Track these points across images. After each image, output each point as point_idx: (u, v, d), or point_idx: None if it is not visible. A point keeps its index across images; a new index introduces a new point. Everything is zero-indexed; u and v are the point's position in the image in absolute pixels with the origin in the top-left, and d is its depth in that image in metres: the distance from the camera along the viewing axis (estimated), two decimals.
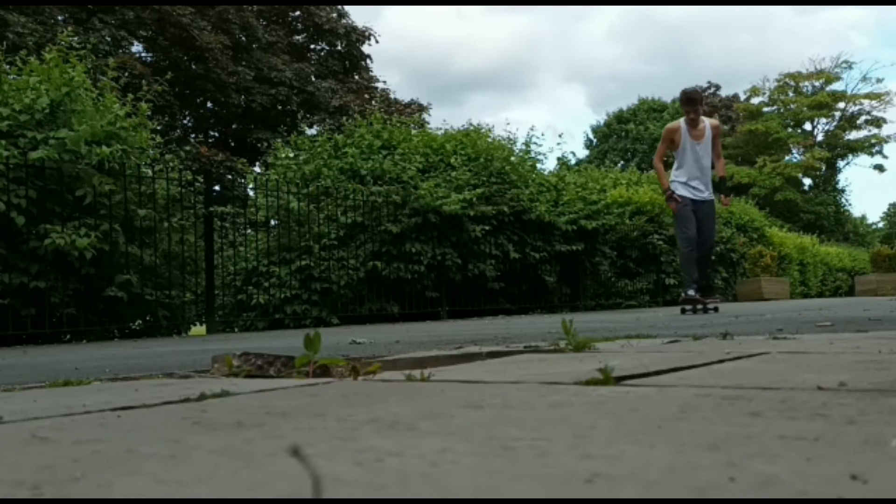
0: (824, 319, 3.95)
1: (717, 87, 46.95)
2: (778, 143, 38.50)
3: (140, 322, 7.58)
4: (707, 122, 7.02)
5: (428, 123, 13.00)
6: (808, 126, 40.64)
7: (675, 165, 7.15)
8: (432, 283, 9.32)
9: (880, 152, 39.79)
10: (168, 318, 7.59)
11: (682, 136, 7.00)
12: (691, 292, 6.81)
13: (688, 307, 6.92)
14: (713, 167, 7.29)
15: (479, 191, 9.49)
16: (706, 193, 7.06)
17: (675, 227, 7.36)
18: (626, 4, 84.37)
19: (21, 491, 0.63)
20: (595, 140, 43.48)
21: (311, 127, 17.80)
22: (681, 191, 6.98)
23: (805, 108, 39.06)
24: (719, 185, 7.20)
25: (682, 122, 7.05)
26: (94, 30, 18.44)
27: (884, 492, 0.55)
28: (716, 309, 6.99)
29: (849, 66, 39.62)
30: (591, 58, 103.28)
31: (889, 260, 19.70)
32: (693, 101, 6.93)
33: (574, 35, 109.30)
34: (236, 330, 9.23)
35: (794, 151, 39.86)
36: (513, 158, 10.71)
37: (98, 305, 6.87)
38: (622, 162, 38.02)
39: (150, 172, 7.57)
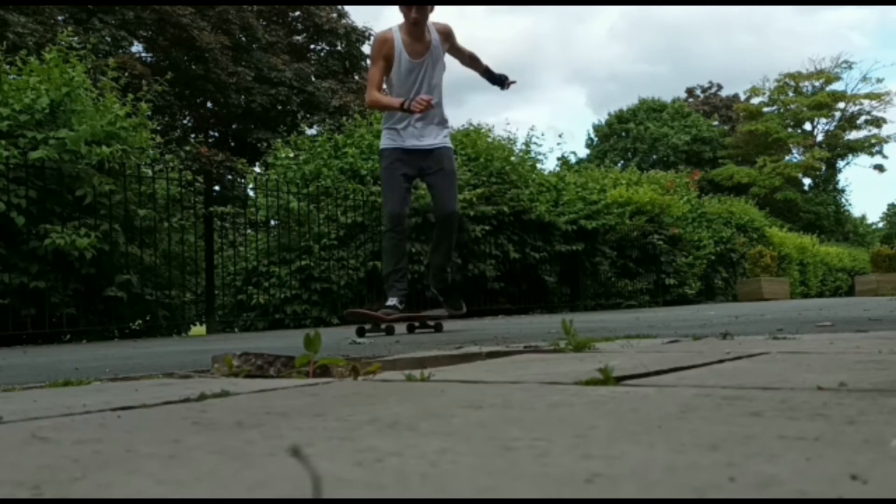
0: (824, 319, 3.94)
1: (719, 87, 47.01)
2: (778, 143, 38.54)
3: (140, 322, 7.58)
4: (434, 31, 4.63)
5: None
6: (808, 126, 40.70)
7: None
8: None
9: (880, 152, 39.88)
10: (168, 318, 7.59)
11: (395, 51, 4.57)
12: (393, 301, 4.55)
13: (367, 326, 4.56)
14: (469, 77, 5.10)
15: (479, 191, 9.49)
16: (435, 138, 4.67)
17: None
18: (627, 4, 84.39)
19: (21, 491, 0.63)
20: (596, 139, 43.55)
21: (311, 127, 17.80)
22: (386, 141, 4.73)
23: (805, 108, 39.13)
24: (489, 73, 4.95)
25: (395, 29, 4.63)
26: (94, 30, 18.42)
27: (884, 492, 0.55)
28: (437, 327, 4.74)
29: (849, 66, 39.74)
30: (592, 58, 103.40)
31: (889, 260, 19.70)
32: None
33: (575, 36, 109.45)
34: (236, 330, 9.23)
35: (794, 151, 39.93)
36: (513, 158, 10.71)
37: (98, 305, 6.87)
38: (622, 161, 38.08)
39: (150, 172, 7.57)
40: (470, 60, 4.94)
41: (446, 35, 4.71)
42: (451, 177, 4.77)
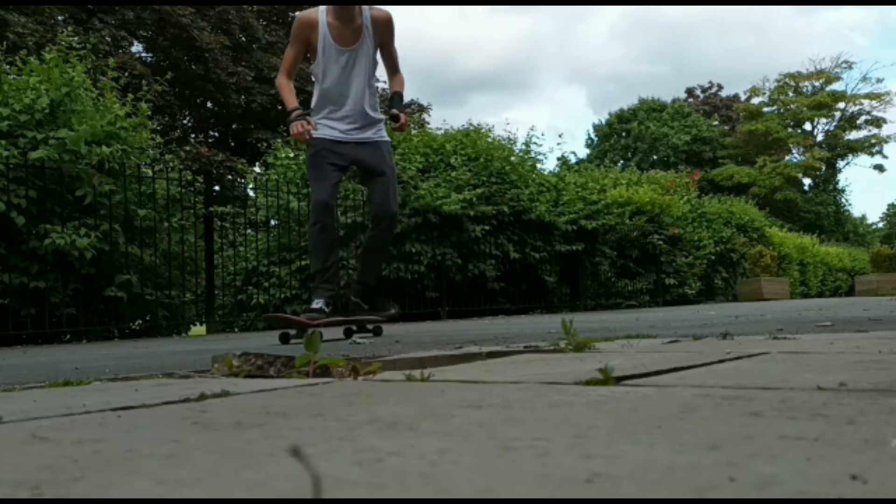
0: (824, 319, 3.94)
1: (719, 87, 47.01)
2: (778, 143, 38.55)
3: (140, 322, 7.59)
4: (368, 14, 4.19)
5: (428, 123, 12.98)
6: (808, 126, 40.70)
7: (315, 89, 4.33)
8: (432, 283, 9.32)
9: (880, 152, 39.88)
10: (168, 318, 7.59)
11: (318, 36, 4.15)
12: (319, 304, 4.20)
13: (291, 332, 4.16)
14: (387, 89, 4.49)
15: (479, 191, 9.50)
16: (369, 132, 4.28)
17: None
18: (627, 4, 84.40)
19: (21, 491, 0.63)
20: (596, 139, 43.55)
21: None
22: (319, 131, 4.21)
23: (805, 108, 39.13)
24: (393, 102, 4.41)
25: (322, 11, 4.18)
26: (94, 30, 18.43)
27: (884, 492, 0.55)
28: (376, 331, 4.46)
29: (849, 66, 39.74)
30: (592, 58, 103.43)
31: (889, 260, 19.71)
32: None
33: (575, 36, 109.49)
34: (236, 330, 9.24)
35: (794, 151, 39.93)
36: (513, 158, 10.72)
37: (98, 305, 6.87)
38: (622, 161, 38.11)
39: (150, 172, 7.58)
40: (391, 72, 4.46)
41: (383, 24, 4.22)
42: (390, 175, 4.33)
